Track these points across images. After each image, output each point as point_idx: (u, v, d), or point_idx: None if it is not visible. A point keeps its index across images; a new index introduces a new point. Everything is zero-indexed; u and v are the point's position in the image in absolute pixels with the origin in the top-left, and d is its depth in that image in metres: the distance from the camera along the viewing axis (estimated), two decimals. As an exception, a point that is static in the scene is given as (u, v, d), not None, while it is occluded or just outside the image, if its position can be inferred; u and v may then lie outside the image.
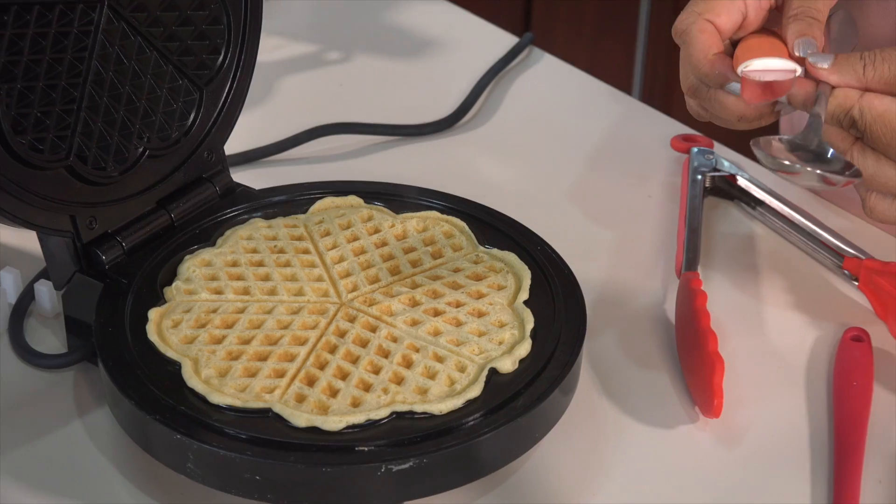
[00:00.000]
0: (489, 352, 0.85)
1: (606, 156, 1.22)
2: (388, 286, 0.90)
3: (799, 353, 0.98)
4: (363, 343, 0.85)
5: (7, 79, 0.84)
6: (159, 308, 0.87)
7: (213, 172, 0.98)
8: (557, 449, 0.88)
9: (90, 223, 0.90)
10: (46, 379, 0.93)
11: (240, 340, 0.85)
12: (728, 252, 1.08)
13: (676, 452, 0.89)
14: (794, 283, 1.05)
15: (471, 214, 0.97)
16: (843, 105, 0.87)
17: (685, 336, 0.95)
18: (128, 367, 0.83)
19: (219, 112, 0.97)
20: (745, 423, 0.91)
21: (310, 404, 0.80)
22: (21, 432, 0.89)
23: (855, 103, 0.86)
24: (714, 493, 0.87)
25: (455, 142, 1.23)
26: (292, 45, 1.35)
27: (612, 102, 1.31)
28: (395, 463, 0.77)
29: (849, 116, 0.86)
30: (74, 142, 0.88)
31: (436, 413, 0.80)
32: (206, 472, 0.79)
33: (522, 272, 0.92)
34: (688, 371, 0.94)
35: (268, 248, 0.93)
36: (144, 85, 0.92)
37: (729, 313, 1.00)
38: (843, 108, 0.87)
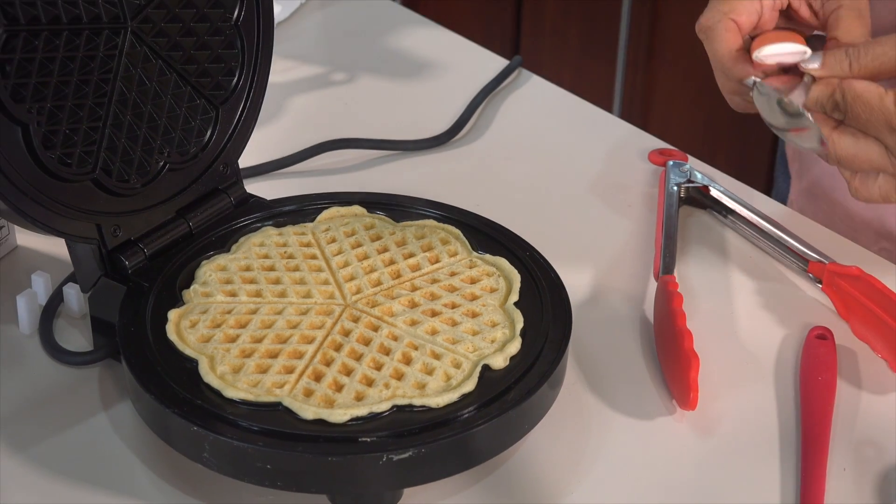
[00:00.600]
0: (482, 349, 0.84)
1: (589, 168, 1.21)
2: (390, 289, 0.89)
3: (768, 351, 0.97)
4: (366, 341, 0.84)
5: (38, 98, 0.83)
6: (178, 309, 0.87)
7: (228, 184, 0.97)
8: (545, 439, 0.87)
9: (114, 231, 0.89)
10: (74, 375, 0.92)
11: (252, 339, 0.84)
12: (702, 257, 1.07)
13: (655, 442, 0.89)
14: (763, 286, 1.04)
15: (465, 223, 0.97)
16: (826, 90, 0.88)
17: (663, 334, 0.94)
18: (149, 364, 0.82)
19: (233, 129, 0.96)
20: (719, 414, 0.91)
21: (317, 398, 0.79)
22: (50, 424, 0.88)
23: (836, 87, 0.87)
24: (691, 480, 0.86)
25: (450, 156, 1.22)
26: (301, 67, 1.34)
27: (594, 119, 1.30)
28: (396, 452, 0.76)
29: (831, 100, 0.87)
30: (100, 156, 0.87)
31: (433, 406, 0.79)
32: (220, 461, 0.78)
33: (513, 276, 0.91)
34: (665, 367, 0.93)
35: (278, 253, 0.92)
36: (165, 104, 0.91)
37: (703, 313, 0.99)
38: (825, 93, 0.88)
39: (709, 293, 1.03)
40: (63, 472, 0.84)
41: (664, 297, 0.96)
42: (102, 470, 0.85)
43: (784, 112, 0.90)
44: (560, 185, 1.18)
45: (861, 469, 0.86)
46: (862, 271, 0.98)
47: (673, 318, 0.93)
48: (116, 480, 0.84)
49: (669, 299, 0.95)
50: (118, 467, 0.85)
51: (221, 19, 0.93)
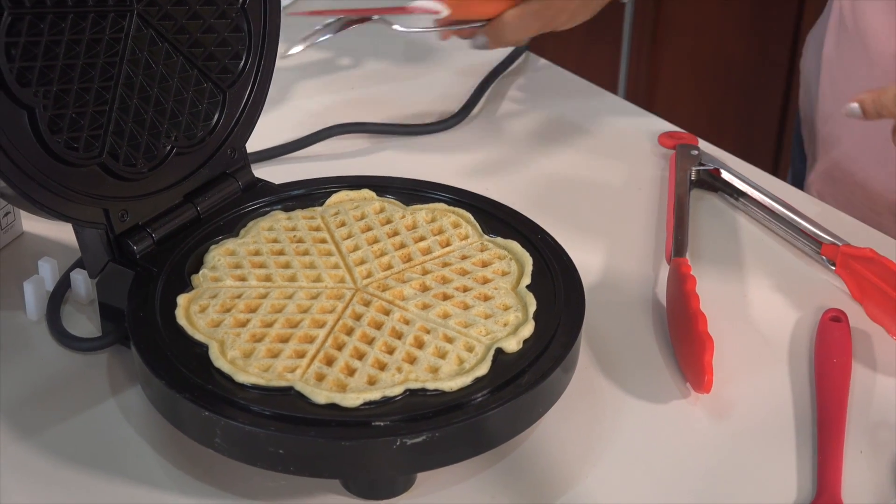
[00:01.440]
0: (495, 333, 0.83)
1: (598, 151, 1.20)
2: (401, 273, 0.89)
3: (781, 333, 0.97)
4: (377, 325, 0.84)
5: (44, 82, 0.82)
6: (187, 294, 0.86)
7: (235, 168, 0.96)
8: (559, 424, 0.86)
9: (122, 216, 0.89)
10: (82, 361, 0.91)
11: (263, 324, 0.83)
12: (713, 240, 1.07)
13: (670, 426, 0.88)
14: (776, 269, 1.04)
15: (476, 206, 0.96)
16: None
17: (676, 317, 0.94)
18: (158, 350, 0.81)
19: (241, 112, 0.96)
20: (734, 398, 0.90)
21: (329, 382, 0.79)
22: (59, 411, 0.87)
23: None
24: (706, 464, 0.85)
25: (458, 140, 1.21)
26: (308, 51, 1.33)
27: (603, 102, 1.30)
28: (410, 437, 0.76)
29: None
30: (107, 140, 0.87)
31: (446, 390, 0.79)
32: (232, 446, 0.77)
33: (525, 259, 0.90)
34: (679, 350, 0.92)
35: (288, 238, 0.91)
36: (171, 87, 0.91)
37: (716, 296, 0.98)
38: None
39: (721, 276, 1.02)
40: (72, 458, 0.84)
41: (677, 280, 0.95)
42: (112, 456, 0.84)
43: None
44: (569, 168, 1.18)
45: (877, 452, 0.86)
46: (876, 253, 0.98)
47: (687, 300, 0.92)
48: (126, 467, 0.83)
49: (683, 282, 0.94)
50: (128, 454, 0.84)
51: (228, 2, 0.93)
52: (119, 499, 0.81)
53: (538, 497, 0.82)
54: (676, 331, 0.93)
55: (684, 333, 0.91)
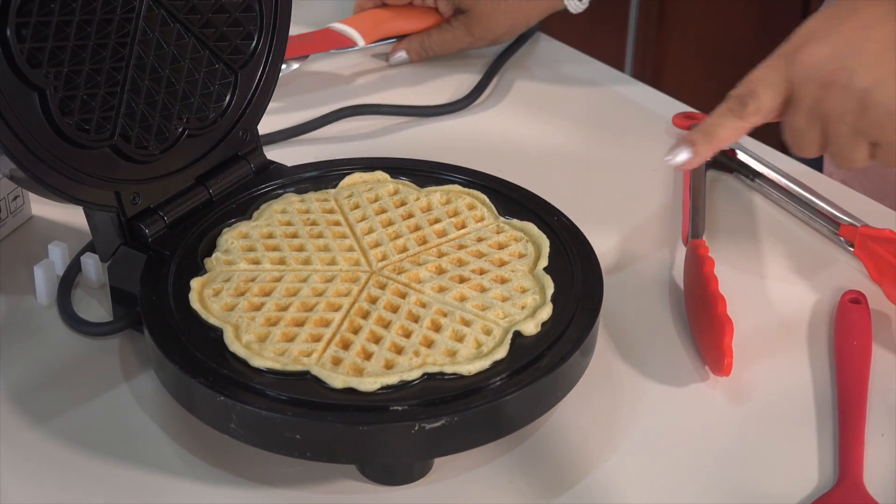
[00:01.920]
0: (513, 316, 0.82)
1: (612, 132, 1.19)
2: (416, 255, 0.88)
3: (800, 315, 0.96)
4: (394, 309, 0.83)
5: (55, 63, 0.81)
6: (200, 278, 0.85)
7: (247, 150, 0.95)
8: (576, 407, 0.85)
9: (134, 199, 0.88)
10: (93, 346, 0.90)
11: (277, 307, 0.82)
12: (730, 221, 1.06)
13: (689, 410, 0.87)
14: (793, 250, 1.03)
15: (491, 187, 0.95)
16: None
17: (694, 300, 0.93)
18: (172, 334, 0.80)
19: (252, 94, 0.94)
20: (753, 381, 0.89)
21: (345, 367, 0.78)
22: (71, 396, 0.86)
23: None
24: (725, 448, 0.84)
25: (470, 122, 1.20)
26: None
27: (616, 83, 1.28)
28: (428, 421, 0.75)
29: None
30: (118, 122, 0.86)
31: (465, 374, 0.78)
32: (248, 431, 0.76)
33: (541, 241, 0.89)
34: (697, 333, 0.91)
35: (301, 220, 0.90)
36: (183, 68, 0.90)
37: (733, 278, 0.97)
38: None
39: (738, 257, 1.01)
40: (85, 445, 0.83)
41: (695, 262, 0.94)
42: (125, 442, 0.83)
43: None
44: (582, 150, 1.16)
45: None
46: (895, 234, 0.97)
47: (705, 282, 0.91)
48: (139, 452, 0.82)
49: (701, 264, 0.93)
50: (141, 439, 0.83)
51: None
52: (132, 485, 0.80)
53: (557, 482, 0.81)
54: (695, 313, 0.92)
55: (703, 316, 0.90)
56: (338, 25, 1.25)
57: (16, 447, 0.82)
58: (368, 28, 1.25)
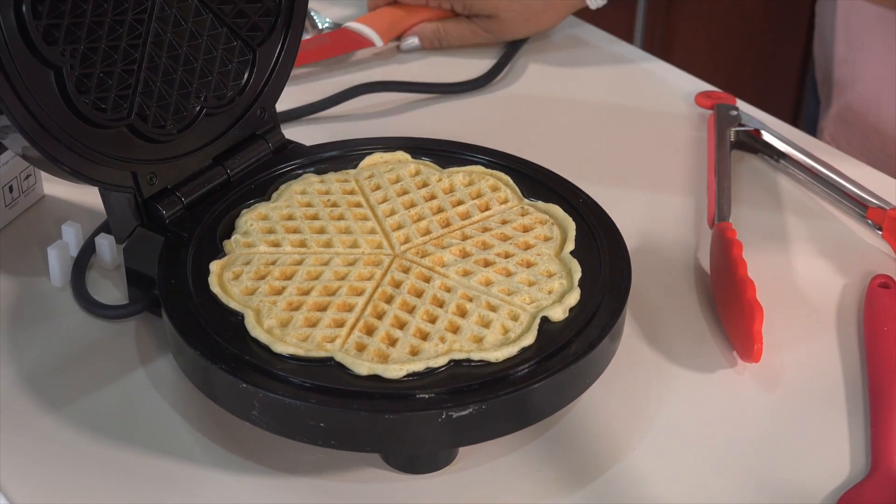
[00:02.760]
0: (540, 301, 0.81)
1: (633, 111, 1.18)
2: (439, 238, 0.86)
3: (828, 300, 0.94)
4: (418, 293, 0.81)
5: (71, 40, 0.79)
6: (220, 260, 0.83)
7: (265, 129, 0.94)
8: (603, 394, 0.84)
9: (151, 179, 0.86)
10: (109, 329, 0.89)
11: (299, 291, 0.81)
12: (755, 203, 1.04)
13: (717, 397, 0.86)
14: (820, 233, 1.01)
15: (514, 168, 0.93)
16: None
17: (722, 284, 0.91)
18: (192, 319, 0.79)
19: (271, 71, 0.93)
20: (782, 366, 0.88)
21: (370, 353, 0.76)
22: (86, 381, 0.85)
23: None
24: (755, 436, 0.83)
25: (489, 100, 1.19)
26: (335, 8, 1.31)
27: (634, 61, 1.27)
28: (456, 410, 0.73)
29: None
30: (135, 101, 0.84)
31: (492, 360, 0.76)
32: (270, 419, 0.75)
33: (567, 224, 0.87)
34: (725, 318, 0.90)
35: (321, 202, 0.88)
36: (201, 46, 0.88)
37: (759, 262, 0.95)
38: None
39: (764, 241, 1.00)
40: (101, 430, 0.81)
41: (722, 246, 0.93)
42: (143, 428, 0.82)
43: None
44: (603, 130, 1.15)
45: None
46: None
47: (734, 267, 0.90)
48: (157, 438, 0.81)
49: (728, 247, 0.92)
50: (159, 426, 0.82)
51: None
52: (150, 473, 0.79)
53: (584, 471, 0.80)
54: (723, 298, 0.91)
55: (731, 301, 0.88)
56: (354, 25, 1.23)
57: (30, 434, 0.81)
58: (385, 27, 1.23)
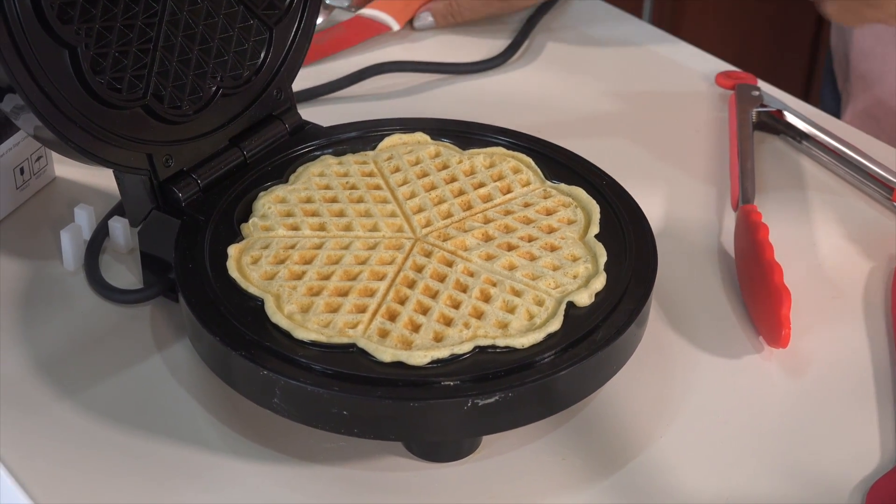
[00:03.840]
0: (565, 286, 0.79)
1: (652, 92, 1.16)
2: (461, 221, 0.85)
3: (855, 284, 0.93)
4: (441, 278, 0.79)
5: (86, 18, 0.78)
6: (238, 244, 0.82)
7: (282, 110, 0.92)
8: (627, 380, 0.82)
9: (166, 161, 0.84)
10: (124, 314, 0.87)
11: (319, 276, 0.79)
12: (778, 186, 1.02)
13: (743, 383, 0.84)
14: (845, 216, 1.00)
15: (536, 150, 0.91)
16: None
17: (748, 268, 0.90)
18: (210, 304, 0.77)
19: (287, 50, 0.91)
20: (809, 352, 0.86)
21: (393, 339, 0.75)
22: (101, 367, 0.83)
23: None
24: (783, 423, 0.81)
25: (506, 79, 1.17)
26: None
27: (653, 40, 1.25)
28: (481, 397, 0.72)
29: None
30: (151, 81, 0.82)
31: (518, 347, 0.75)
32: (292, 407, 0.73)
33: (591, 206, 0.86)
34: (752, 302, 0.88)
35: (340, 184, 0.87)
36: (217, 24, 0.86)
37: (784, 245, 0.94)
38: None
39: (788, 224, 0.98)
40: (116, 417, 0.80)
41: (748, 228, 0.91)
42: (159, 415, 0.80)
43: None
44: (621, 110, 1.13)
45: (964, 410, 0.82)
46: None
47: (760, 250, 0.88)
48: (175, 426, 0.79)
49: (754, 230, 0.90)
50: (176, 412, 0.80)
51: (275, -66, 0.88)
52: (167, 461, 0.77)
53: (611, 458, 0.79)
54: (749, 282, 0.89)
55: (758, 285, 0.87)
56: (369, 11, 1.21)
57: (44, 421, 0.79)
58: (399, 9, 1.21)
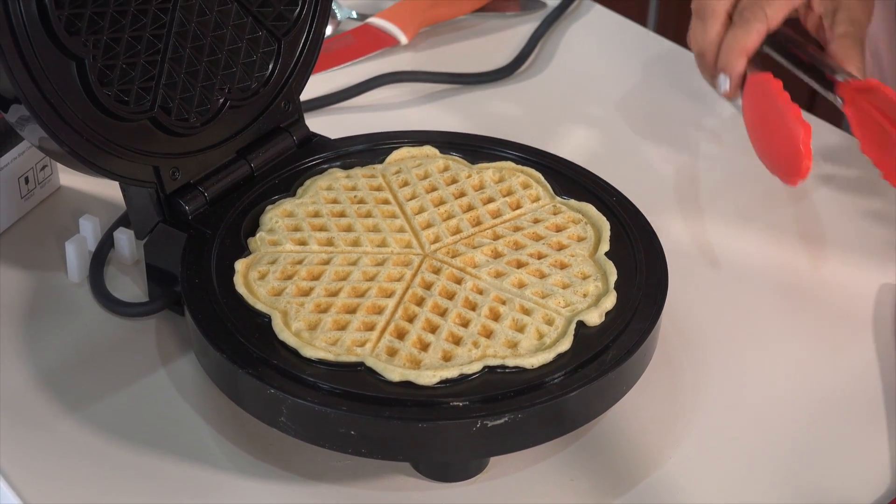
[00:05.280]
0: (575, 304, 0.78)
1: (661, 102, 1.15)
2: (470, 237, 0.84)
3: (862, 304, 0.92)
4: (449, 295, 0.79)
5: (94, 30, 0.77)
6: (245, 259, 0.81)
7: (289, 122, 0.91)
8: (636, 400, 0.81)
9: (173, 174, 0.84)
10: (128, 327, 0.87)
11: (327, 293, 0.78)
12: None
13: (754, 403, 0.83)
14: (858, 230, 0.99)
15: (546, 165, 0.91)
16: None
17: (764, 123, 0.94)
18: (217, 320, 0.76)
19: (296, 62, 0.90)
20: (820, 371, 0.85)
21: (401, 358, 0.74)
22: (106, 381, 0.83)
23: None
24: (795, 442, 0.81)
25: (514, 90, 1.16)
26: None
27: (662, 51, 1.24)
28: (491, 418, 0.71)
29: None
30: (159, 93, 0.82)
31: (527, 367, 0.74)
32: (299, 426, 0.73)
33: (601, 223, 0.85)
34: (768, 150, 0.93)
35: (348, 198, 0.86)
36: (225, 36, 0.85)
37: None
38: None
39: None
40: (120, 433, 0.79)
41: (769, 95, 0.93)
42: (164, 431, 0.79)
43: None
44: (632, 121, 1.12)
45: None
46: (879, 84, 0.94)
47: (778, 98, 0.91)
48: (179, 441, 0.79)
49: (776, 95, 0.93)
50: (181, 429, 0.80)
51: (284, -54, 0.87)
52: (171, 478, 0.77)
53: (619, 479, 0.78)
54: (763, 134, 0.93)
55: (774, 128, 0.90)
56: (378, 21, 1.20)
57: (47, 436, 0.79)
58: (407, 22, 1.20)
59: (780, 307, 0.90)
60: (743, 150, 1.03)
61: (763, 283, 0.92)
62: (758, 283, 0.92)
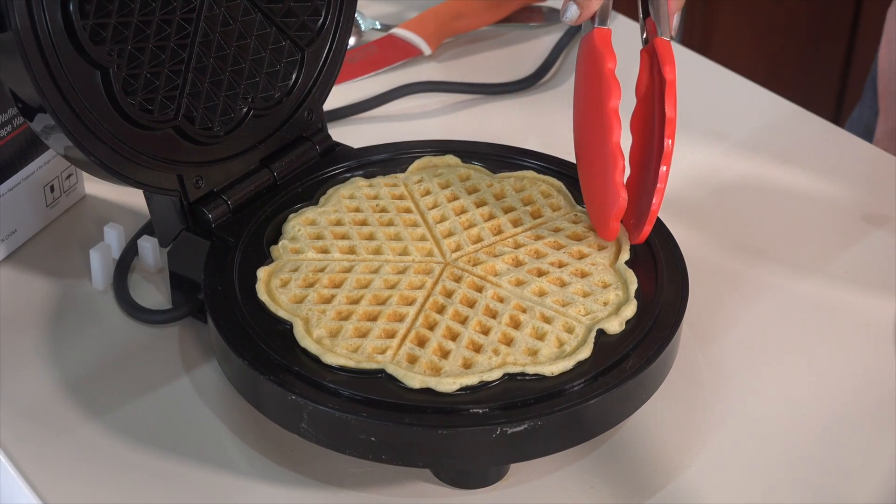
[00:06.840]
0: (595, 313, 0.79)
1: (685, 112, 1.15)
2: (491, 246, 0.84)
3: (885, 311, 0.92)
4: (470, 303, 0.79)
5: (118, 40, 0.78)
6: (267, 267, 0.82)
7: (313, 132, 0.92)
8: (657, 408, 0.82)
9: (197, 182, 0.84)
10: (152, 334, 0.87)
11: (349, 300, 0.79)
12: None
13: (775, 411, 0.83)
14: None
15: (567, 174, 0.91)
16: None
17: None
18: (239, 327, 0.77)
19: (319, 72, 0.91)
20: (840, 379, 0.86)
21: (422, 365, 0.75)
22: (129, 388, 0.83)
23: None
24: (816, 452, 0.81)
25: (537, 100, 1.16)
26: (381, 6, 1.29)
27: (686, 62, 1.24)
28: (511, 425, 0.71)
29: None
30: (182, 102, 0.82)
31: (547, 375, 0.74)
32: (320, 432, 0.73)
33: (621, 232, 0.85)
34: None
35: (370, 207, 0.87)
36: (249, 46, 0.86)
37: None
38: None
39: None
40: (144, 439, 0.80)
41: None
42: (187, 437, 0.80)
43: None
44: (653, 132, 1.12)
45: None
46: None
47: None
48: (202, 447, 0.79)
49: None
50: (204, 435, 0.80)
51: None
52: (194, 484, 0.77)
53: (640, 486, 0.78)
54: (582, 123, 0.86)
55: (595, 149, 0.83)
56: (401, 32, 1.21)
57: (71, 441, 0.80)
58: (431, 33, 1.21)
59: (798, 317, 0.91)
60: (766, 161, 1.04)
61: (782, 293, 0.93)
62: (777, 293, 0.93)
